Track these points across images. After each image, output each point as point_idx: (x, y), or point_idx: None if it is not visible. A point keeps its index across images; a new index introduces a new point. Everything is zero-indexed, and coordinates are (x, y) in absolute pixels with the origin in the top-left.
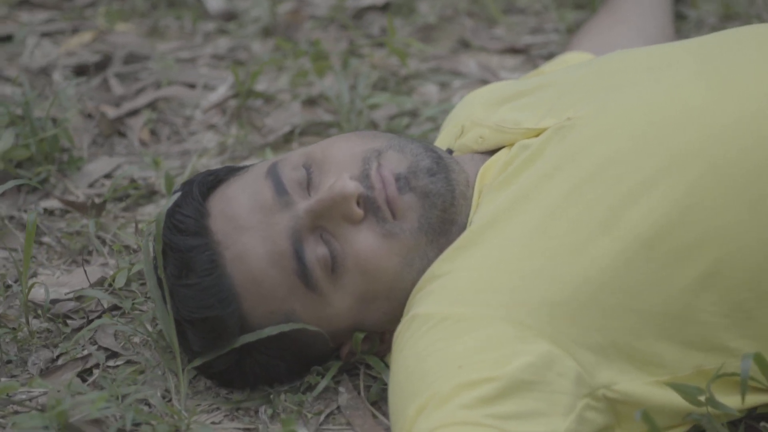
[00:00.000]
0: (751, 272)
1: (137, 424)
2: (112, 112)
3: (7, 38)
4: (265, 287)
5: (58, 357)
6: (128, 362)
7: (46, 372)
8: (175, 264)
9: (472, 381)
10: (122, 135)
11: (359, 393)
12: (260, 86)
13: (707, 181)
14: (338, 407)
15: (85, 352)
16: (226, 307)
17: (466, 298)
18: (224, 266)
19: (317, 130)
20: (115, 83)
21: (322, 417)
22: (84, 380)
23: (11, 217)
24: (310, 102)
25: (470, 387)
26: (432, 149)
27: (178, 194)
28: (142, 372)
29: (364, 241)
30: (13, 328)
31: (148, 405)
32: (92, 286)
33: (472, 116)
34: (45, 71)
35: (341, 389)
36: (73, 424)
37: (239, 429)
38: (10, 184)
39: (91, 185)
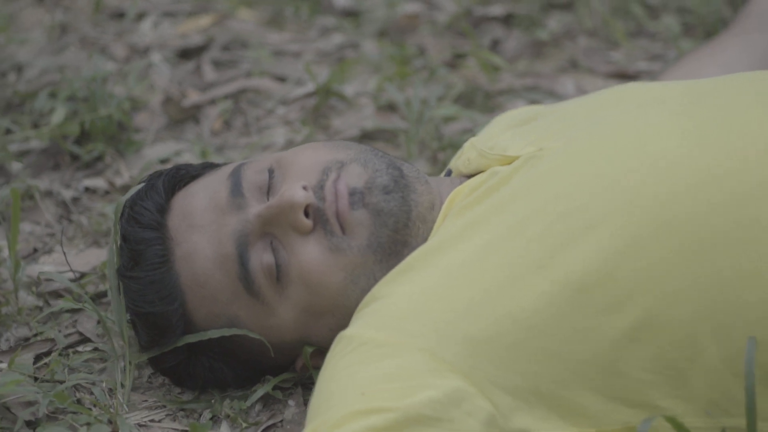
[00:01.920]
0: (686, 332)
1: (73, 412)
2: (194, 97)
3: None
4: (208, 288)
5: (33, 336)
6: (95, 350)
7: (13, 349)
8: (127, 255)
9: (368, 409)
10: (197, 121)
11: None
12: (351, 87)
13: (652, 236)
14: (282, 420)
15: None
16: (168, 304)
17: (392, 324)
18: (173, 263)
19: (384, 137)
20: (209, 69)
21: (261, 428)
22: (38, 360)
23: (49, 192)
24: (390, 107)
25: (364, 415)
26: (396, 167)
27: (141, 185)
28: (106, 360)
29: (310, 253)
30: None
31: (94, 394)
32: (93, 270)
33: (475, 138)
34: (149, 51)
35: (291, 402)
36: (3, 405)
37: (176, 430)
38: None
39: (145, 168)
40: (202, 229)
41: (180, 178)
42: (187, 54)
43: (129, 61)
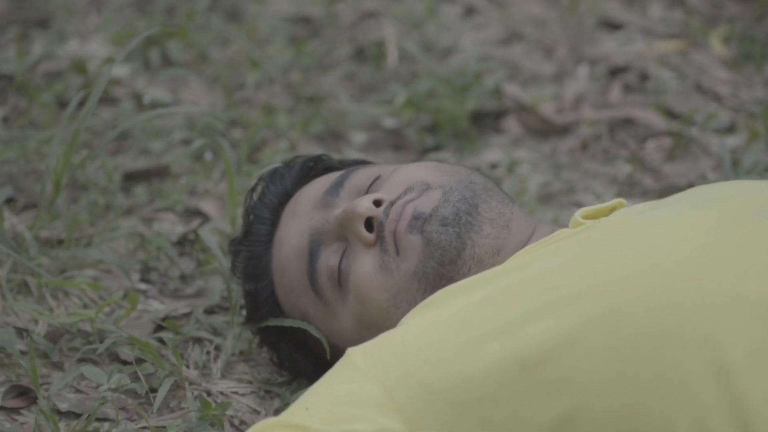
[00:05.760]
0: None
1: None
2: (585, 114)
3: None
4: (286, 277)
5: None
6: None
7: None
8: (243, 228)
9: (294, 424)
10: (562, 137)
11: None
12: (735, 140)
13: (599, 323)
14: None
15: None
16: (256, 282)
17: (376, 352)
18: (272, 244)
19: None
20: (617, 91)
21: None
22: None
23: None
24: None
25: (288, 428)
26: (471, 203)
27: (279, 165)
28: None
29: (364, 266)
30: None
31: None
32: None
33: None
34: (586, 62)
35: None
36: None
37: (249, 407)
38: None
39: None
40: (297, 219)
41: (319, 167)
42: (614, 72)
43: (562, 64)
